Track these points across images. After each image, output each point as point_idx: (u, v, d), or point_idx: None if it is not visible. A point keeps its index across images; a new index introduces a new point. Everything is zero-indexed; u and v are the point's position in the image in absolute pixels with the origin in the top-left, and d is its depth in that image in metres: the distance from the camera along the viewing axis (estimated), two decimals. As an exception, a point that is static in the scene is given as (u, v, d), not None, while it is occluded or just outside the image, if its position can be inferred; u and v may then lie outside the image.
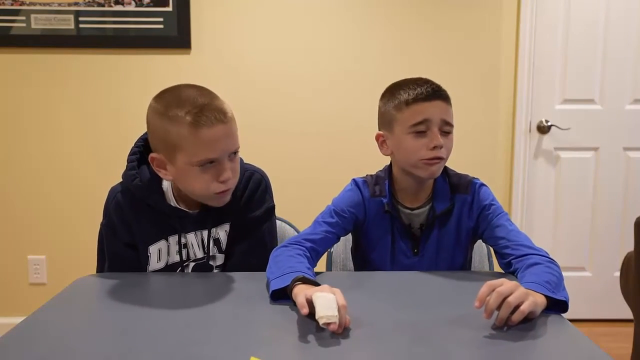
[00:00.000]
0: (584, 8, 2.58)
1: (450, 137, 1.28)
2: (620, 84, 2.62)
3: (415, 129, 1.25)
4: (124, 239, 1.25)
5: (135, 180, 1.20)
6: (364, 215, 1.34)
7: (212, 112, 1.11)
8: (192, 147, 1.10)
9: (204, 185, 1.14)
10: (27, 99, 2.52)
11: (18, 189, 2.57)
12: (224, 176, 1.14)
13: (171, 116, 1.11)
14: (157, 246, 1.24)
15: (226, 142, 1.13)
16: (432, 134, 1.24)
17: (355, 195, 1.35)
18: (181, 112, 1.10)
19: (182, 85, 1.18)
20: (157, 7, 2.44)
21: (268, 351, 0.83)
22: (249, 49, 2.53)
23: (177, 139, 1.11)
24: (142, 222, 1.23)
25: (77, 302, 1.10)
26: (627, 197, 2.69)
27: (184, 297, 1.10)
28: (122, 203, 1.24)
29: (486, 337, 0.90)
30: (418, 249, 1.33)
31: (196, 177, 1.13)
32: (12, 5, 2.43)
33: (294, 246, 1.24)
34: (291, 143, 2.57)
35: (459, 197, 1.33)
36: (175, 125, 1.10)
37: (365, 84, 2.55)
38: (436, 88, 1.27)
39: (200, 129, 1.09)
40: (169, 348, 0.85)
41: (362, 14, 2.53)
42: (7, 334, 0.91)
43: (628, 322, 1.89)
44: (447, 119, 1.26)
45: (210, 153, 1.11)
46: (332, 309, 0.88)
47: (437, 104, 1.25)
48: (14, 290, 2.60)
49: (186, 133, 1.10)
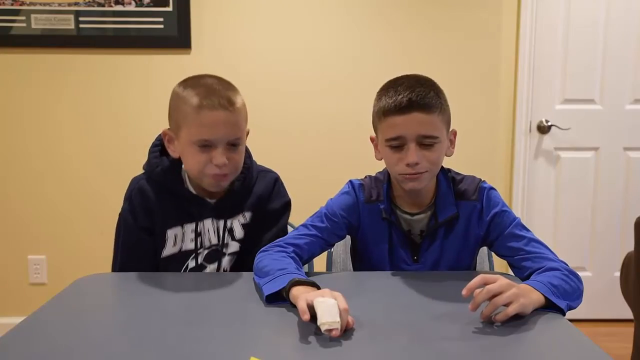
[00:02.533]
0: (584, 8, 2.58)
1: (435, 148, 1.17)
2: (620, 84, 2.62)
3: (390, 143, 1.18)
4: (143, 223, 1.29)
5: (157, 168, 1.27)
6: (358, 221, 1.29)
7: (219, 97, 1.18)
8: (193, 126, 1.18)
9: (198, 165, 1.20)
10: (27, 99, 2.52)
11: (18, 189, 2.56)
12: (217, 160, 1.19)
13: (184, 95, 1.20)
14: (174, 231, 1.29)
15: (225, 129, 1.19)
16: (407, 149, 1.16)
17: (350, 199, 1.29)
18: (193, 92, 1.19)
19: (207, 74, 1.27)
20: (157, 7, 2.44)
21: (268, 351, 0.83)
22: (249, 49, 2.53)
23: (183, 116, 1.19)
24: (163, 207, 1.28)
25: (77, 302, 1.10)
26: (627, 197, 2.69)
27: (184, 297, 1.10)
28: (146, 188, 1.29)
29: (486, 338, 0.90)
30: (418, 256, 1.27)
31: (193, 155, 1.20)
32: (12, 5, 2.43)
33: (276, 249, 1.20)
34: (291, 143, 2.57)
35: (466, 204, 1.26)
36: (184, 103, 1.19)
37: (366, 84, 2.54)
38: (415, 98, 1.14)
39: (202, 109, 1.17)
40: (169, 348, 0.85)
41: (362, 14, 2.54)
42: (7, 334, 0.91)
43: (628, 322, 1.90)
44: (425, 133, 1.15)
45: (207, 134, 1.18)
46: (333, 315, 0.88)
47: (413, 117, 1.14)
48: (14, 290, 2.60)
49: (190, 111, 1.18)
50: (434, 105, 1.16)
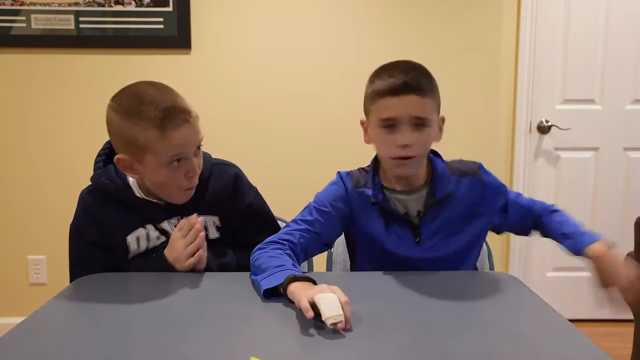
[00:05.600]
0: (584, 8, 2.58)
1: (425, 132, 1.19)
2: (620, 84, 2.62)
3: (383, 124, 1.19)
4: (92, 238, 1.27)
5: (101, 179, 1.25)
6: (350, 210, 1.27)
7: (178, 114, 1.15)
8: (161, 149, 1.15)
9: (172, 182, 1.20)
10: (27, 99, 2.52)
11: (18, 189, 2.57)
12: (191, 172, 1.20)
13: (136, 120, 1.15)
14: (135, 234, 1.26)
15: (192, 140, 1.19)
16: (400, 131, 1.17)
17: (338, 188, 1.29)
18: (146, 115, 1.14)
19: (139, 84, 1.22)
20: (157, 7, 2.44)
21: (268, 351, 0.83)
22: (249, 49, 2.53)
23: (145, 142, 1.15)
24: (114, 217, 1.26)
25: (77, 302, 1.10)
26: (627, 197, 2.69)
27: (184, 297, 1.09)
28: (91, 202, 1.28)
29: (486, 337, 0.90)
30: (420, 238, 1.25)
31: (165, 175, 1.18)
32: (12, 5, 2.43)
33: (272, 246, 1.19)
34: (291, 142, 2.57)
35: (466, 180, 1.28)
36: (141, 128, 1.14)
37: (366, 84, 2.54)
38: (410, 80, 1.16)
39: (167, 132, 1.14)
40: (169, 348, 0.85)
41: (362, 14, 2.54)
42: (7, 334, 0.91)
43: (628, 322, 1.89)
44: (418, 114, 1.17)
45: (179, 151, 1.17)
46: (336, 308, 0.89)
47: (407, 99, 1.16)
48: (14, 290, 2.60)
49: (154, 136, 1.14)
50: (427, 89, 1.19)
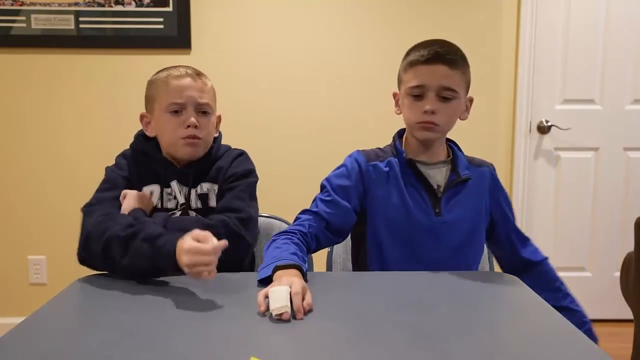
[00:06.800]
0: (584, 8, 2.58)
1: (451, 104, 1.24)
2: (620, 84, 2.62)
3: (412, 92, 1.24)
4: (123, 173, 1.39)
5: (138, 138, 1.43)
6: (363, 184, 1.31)
7: (185, 68, 1.34)
8: (163, 95, 1.32)
9: (171, 132, 1.32)
10: (27, 99, 2.52)
11: (18, 189, 2.57)
12: (188, 120, 1.30)
13: (155, 78, 1.36)
14: (150, 188, 1.37)
15: (193, 92, 1.31)
16: (427, 98, 1.23)
17: (350, 166, 1.33)
18: (163, 73, 1.35)
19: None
20: (157, 7, 2.44)
21: (268, 351, 0.83)
22: (249, 49, 2.53)
23: (154, 92, 1.35)
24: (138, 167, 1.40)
25: (77, 302, 1.10)
26: (627, 197, 2.69)
27: (183, 297, 1.09)
28: (127, 153, 1.44)
29: (486, 337, 0.90)
30: (440, 209, 1.29)
31: (166, 123, 1.32)
32: (12, 5, 2.43)
33: (283, 236, 1.22)
34: (291, 142, 2.58)
35: (481, 169, 1.36)
36: (154, 82, 1.35)
37: (366, 84, 2.55)
38: (442, 52, 1.23)
39: (170, 80, 1.32)
40: (169, 348, 0.85)
41: (362, 14, 2.54)
42: (7, 334, 0.91)
43: (628, 322, 1.89)
44: (446, 84, 1.23)
45: (176, 98, 1.30)
46: (282, 300, 0.93)
47: (437, 68, 1.22)
48: (14, 290, 2.60)
49: (160, 85, 1.33)
50: (458, 63, 1.25)
